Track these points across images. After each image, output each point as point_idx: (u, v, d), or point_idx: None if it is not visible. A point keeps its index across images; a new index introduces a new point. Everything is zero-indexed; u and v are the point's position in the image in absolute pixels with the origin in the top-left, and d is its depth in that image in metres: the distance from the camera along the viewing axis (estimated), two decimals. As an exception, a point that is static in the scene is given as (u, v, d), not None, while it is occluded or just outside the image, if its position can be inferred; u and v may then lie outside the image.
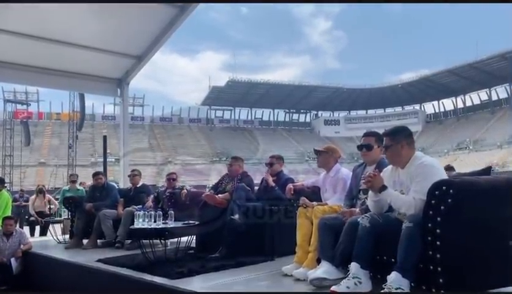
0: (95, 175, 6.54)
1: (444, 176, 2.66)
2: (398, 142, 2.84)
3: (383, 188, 2.74)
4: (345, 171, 3.79)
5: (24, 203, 11.18)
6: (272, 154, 5.23)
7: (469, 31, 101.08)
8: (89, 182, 9.52)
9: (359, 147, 3.38)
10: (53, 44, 6.64)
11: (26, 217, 10.35)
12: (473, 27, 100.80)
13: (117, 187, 6.88)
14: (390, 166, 3.00)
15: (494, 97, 53.69)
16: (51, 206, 9.27)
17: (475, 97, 55.70)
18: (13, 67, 6.91)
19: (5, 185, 8.62)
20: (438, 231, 2.39)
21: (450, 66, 50.96)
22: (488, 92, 53.85)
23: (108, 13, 6.28)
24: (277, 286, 3.33)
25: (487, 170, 3.06)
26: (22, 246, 5.76)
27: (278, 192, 4.54)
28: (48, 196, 9.66)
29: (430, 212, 2.44)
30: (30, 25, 6.23)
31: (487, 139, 47.67)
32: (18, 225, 7.64)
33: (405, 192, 2.77)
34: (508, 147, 43.58)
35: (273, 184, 4.65)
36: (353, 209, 3.20)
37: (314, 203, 3.56)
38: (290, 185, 4.11)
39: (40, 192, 9.51)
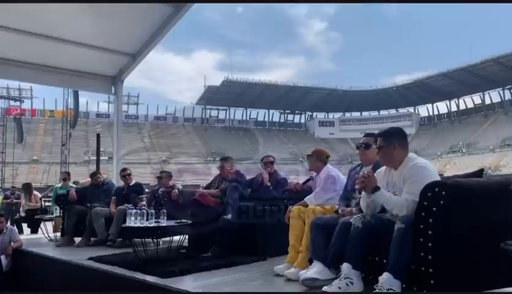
0: (93, 175, 6.70)
1: (437, 177, 2.67)
2: (390, 143, 2.85)
3: (376, 189, 2.75)
4: (334, 171, 3.85)
5: (15, 201, 11.06)
6: (266, 154, 5.22)
7: (463, 35, 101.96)
8: (82, 180, 9.44)
9: (358, 146, 3.45)
10: (47, 40, 6.59)
11: (17, 214, 10.26)
12: (467, 32, 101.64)
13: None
14: (383, 168, 3.00)
15: (487, 101, 54.15)
16: (43, 204, 9.19)
17: (469, 101, 56.20)
18: (7, 63, 6.85)
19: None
20: (430, 232, 2.40)
21: (444, 69, 51.31)
22: (481, 96, 54.29)
23: (103, 11, 6.24)
24: (268, 286, 3.33)
25: (480, 172, 3.07)
26: (12, 243, 5.71)
27: (272, 192, 4.56)
28: (36, 193, 9.56)
29: (422, 214, 2.45)
30: (25, 21, 6.18)
31: (480, 143, 48.04)
32: (8, 223, 7.57)
33: (397, 193, 2.78)
34: (501, 151, 43.95)
35: (268, 183, 4.65)
36: (352, 208, 3.20)
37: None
38: (297, 182, 4.15)
39: (24, 190, 9.39)
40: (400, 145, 2.85)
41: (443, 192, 2.37)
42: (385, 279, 2.44)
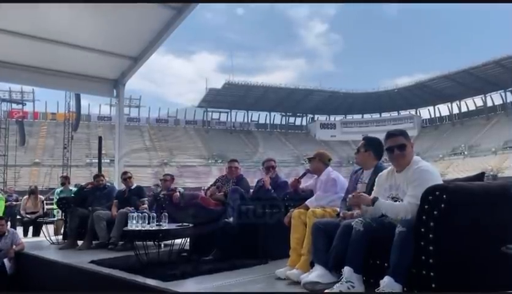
0: (96, 177, 6.72)
1: (440, 181, 2.67)
2: (409, 140, 2.91)
3: (375, 199, 2.74)
4: (335, 173, 3.89)
5: (14, 203, 11.04)
6: (268, 157, 5.24)
7: (465, 37, 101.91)
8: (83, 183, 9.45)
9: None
10: (49, 44, 6.61)
11: (18, 217, 10.26)
12: (469, 34, 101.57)
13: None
14: (386, 170, 3.00)
15: (489, 103, 54.03)
16: (46, 207, 9.22)
17: (470, 103, 56.02)
18: (9, 66, 6.87)
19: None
20: (431, 236, 2.40)
21: (446, 72, 51.23)
22: (483, 98, 54.16)
23: (105, 14, 6.27)
24: (270, 289, 3.32)
25: (481, 176, 3.07)
26: (14, 246, 5.72)
27: (273, 195, 4.56)
28: (40, 197, 9.58)
29: (423, 217, 2.45)
30: (27, 24, 6.21)
31: (482, 145, 47.90)
32: (9, 225, 7.58)
33: (400, 195, 2.78)
34: (503, 153, 43.83)
35: (269, 187, 4.66)
36: (353, 212, 3.19)
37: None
38: (294, 179, 4.18)
39: (32, 192, 9.42)
40: (412, 145, 2.90)
41: (444, 196, 2.37)
42: (386, 283, 2.44)
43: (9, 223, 9.85)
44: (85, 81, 7.85)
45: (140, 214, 4.31)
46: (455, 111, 57.38)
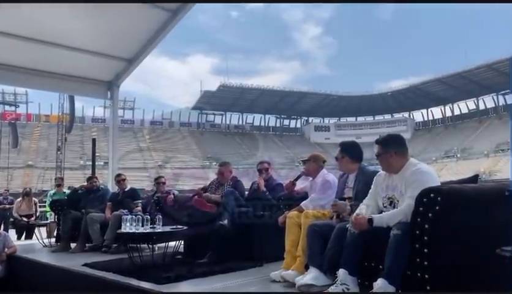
0: (90, 179, 6.68)
1: (438, 183, 2.68)
2: (387, 151, 2.88)
3: (371, 220, 2.68)
4: (330, 175, 3.89)
5: (8, 206, 10.93)
6: (262, 160, 5.22)
7: (458, 41, 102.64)
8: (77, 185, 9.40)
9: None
10: (43, 45, 6.57)
11: (11, 220, 10.17)
12: (462, 38, 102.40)
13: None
14: (383, 171, 3.02)
15: (482, 106, 54.53)
16: (38, 209, 9.16)
17: (463, 106, 56.53)
18: (2, 68, 6.81)
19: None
20: (425, 238, 2.40)
21: (439, 75, 51.63)
22: (476, 101, 54.65)
23: (100, 15, 6.24)
24: (265, 292, 3.31)
25: (474, 178, 3.09)
26: (6, 249, 5.65)
27: (268, 197, 4.55)
28: (34, 199, 9.53)
29: (418, 220, 2.45)
30: (21, 26, 6.16)
31: (475, 148, 48.29)
32: (2, 228, 7.51)
33: (397, 196, 2.79)
34: (495, 156, 44.19)
35: (264, 189, 4.66)
36: (342, 202, 3.17)
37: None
38: (289, 181, 4.20)
39: (27, 195, 9.37)
40: (398, 153, 2.87)
41: (439, 198, 2.38)
42: (379, 285, 2.44)
43: (2, 226, 9.80)
44: (79, 83, 7.80)
45: (134, 217, 4.29)
46: (448, 114, 57.85)
